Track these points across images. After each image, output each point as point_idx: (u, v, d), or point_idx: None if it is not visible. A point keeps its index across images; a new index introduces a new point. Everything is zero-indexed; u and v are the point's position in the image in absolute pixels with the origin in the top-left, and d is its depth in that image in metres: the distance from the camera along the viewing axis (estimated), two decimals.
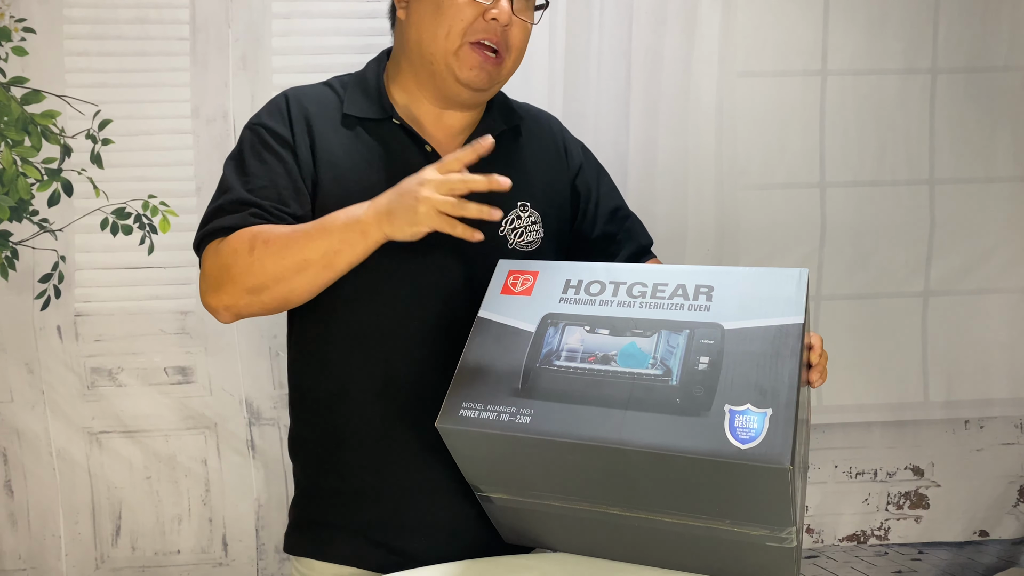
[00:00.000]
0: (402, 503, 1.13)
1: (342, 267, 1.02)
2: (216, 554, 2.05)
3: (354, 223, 0.99)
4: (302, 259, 1.01)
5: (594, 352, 0.94)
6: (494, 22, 1.09)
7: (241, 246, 1.03)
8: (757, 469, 0.81)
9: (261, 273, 1.02)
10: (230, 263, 1.04)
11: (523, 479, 0.97)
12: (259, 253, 1.02)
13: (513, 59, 1.14)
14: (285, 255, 1.01)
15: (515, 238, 1.17)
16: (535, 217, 1.20)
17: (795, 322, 0.90)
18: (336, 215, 1.01)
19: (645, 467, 0.86)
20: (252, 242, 1.02)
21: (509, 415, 0.91)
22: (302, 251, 1.01)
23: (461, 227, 0.95)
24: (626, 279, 1.00)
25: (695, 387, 0.87)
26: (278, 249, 1.01)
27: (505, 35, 1.11)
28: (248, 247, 1.02)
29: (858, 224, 2.15)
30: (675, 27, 2.08)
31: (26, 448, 1.98)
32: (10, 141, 1.92)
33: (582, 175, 1.30)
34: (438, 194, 0.95)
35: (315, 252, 1.00)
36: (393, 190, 0.98)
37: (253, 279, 1.02)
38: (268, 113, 1.15)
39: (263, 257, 1.01)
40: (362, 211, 0.99)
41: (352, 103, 1.16)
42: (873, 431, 2.19)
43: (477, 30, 1.09)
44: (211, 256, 1.07)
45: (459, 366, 0.97)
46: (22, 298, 1.96)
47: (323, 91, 1.18)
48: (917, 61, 2.13)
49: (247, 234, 1.03)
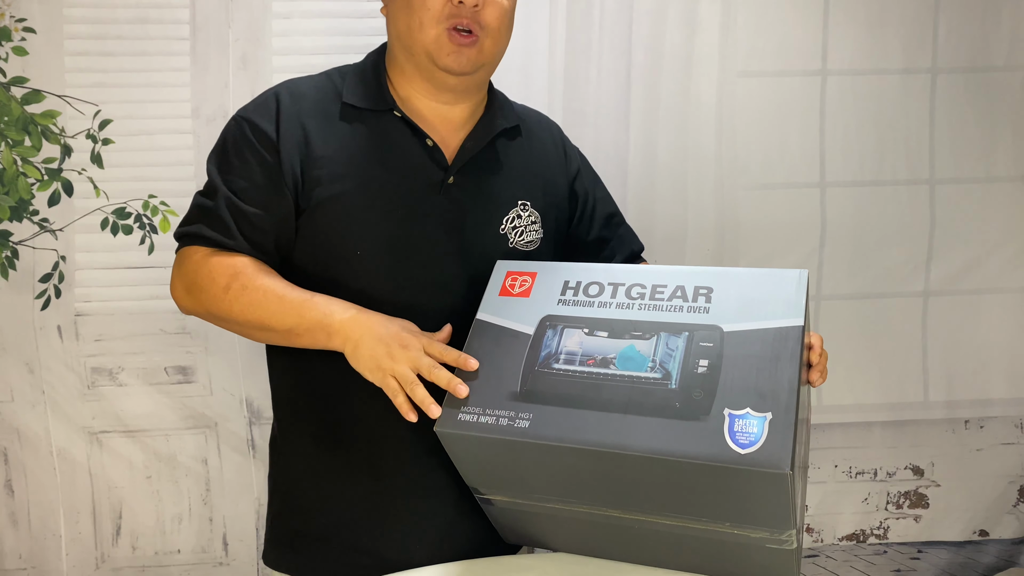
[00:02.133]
0: (398, 506, 1.11)
1: (300, 346, 1.05)
2: (216, 554, 2.05)
3: (326, 325, 1.02)
4: (266, 323, 1.04)
5: (593, 355, 0.93)
6: (461, 5, 1.09)
7: (220, 278, 1.06)
8: (757, 474, 0.81)
9: (227, 312, 1.06)
10: (204, 286, 1.07)
11: (522, 482, 0.96)
12: (233, 295, 1.05)
13: (492, 39, 1.13)
14: (254, 311, 1.04)
15: (515, 237, 1.17)
16: (535, 217, 1.20)
17: (795, 324, 0.90)
18: (318, 303, 1.03)
19: (644, 471, 0.86)
20: (231, 281, 1.05)
21: (508, 419, 0.90)
22: (270, 317, 1.04)
23: (405, 405, 0.97)
24: (624, 280, 0.99)
25: (694, 391, 0.87)
26: (250, 302, 1.04)
27: (476, 16, 1.10)
28: (225, 284, 1.05)
29: (858, 224, 2.14)
30: (675, 26, 2.08)
31: (26, 448, 1.98)
32: (10, 141, 1.92)
33: (580, 178, 1.30)
34: (407, 367, 0.96)
35: (280, 324, 1.04)
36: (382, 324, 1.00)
37: (218, 311, 1.07)
38: (256, 109, 1.13)
39: (234, 300, 1.05)
40: (339, 319, 1.01)
41: (351, 92, 1.15)
42: (873, 431, 2.19)
43: (448, 15, 1.09)
44: (190, 262, 1.09)
45: (457, 369, 0.97)
46: (22, 298, 1.96)
47: (321, 82, 1.17)
48: (917, 61, 2.13)
49: (231, 269, 1.06)
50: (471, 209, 1.14)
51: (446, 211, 1.13)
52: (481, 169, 1.17)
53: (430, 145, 1.14)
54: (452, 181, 1.14)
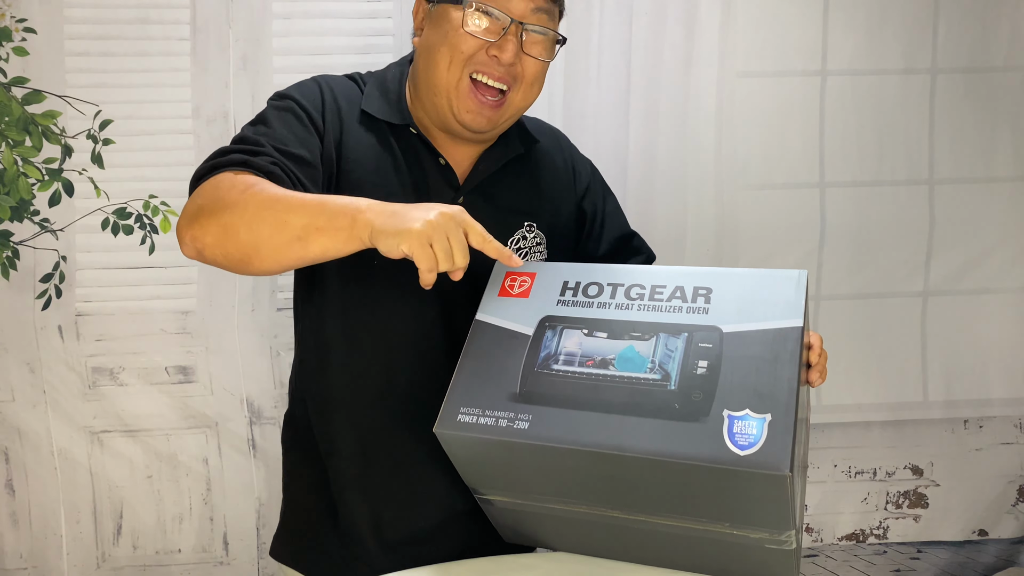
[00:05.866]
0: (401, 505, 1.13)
1: (315, 250, 0.92)
2: (217, 553, 2.06)
3: (351, 208, 0.91)
4: (284, 219, 0.92)
5: (592, 356, 0.94)
6: (496, 59, 1.07)
7: (239, 184, 0.96)
8: (756, 476, 0.81)
9: (242, 212, 0.93)
10: (223, 195, 0.96)
11: (522, 483, 0.97)
12: (252, 193, 0.94)
13: (523, 95, 1.11)
14: (272, 205, 0.93)
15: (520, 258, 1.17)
16: (540, 238, 1.19)
17: (794, 325, 0.90)
18: (342, 196, 0.95)
19: (644, 472, 0.86)
20: (248, 183, 0.96)
21: (507, 421, 0.91)
22: (288, 211, 0.92)
23: (431, 274, 0.88)
24: (624, 281, 1.00)
25: (694, 392, 0.87)
26: (268, 198, 0.93)
27: (512, 71, 1.08)
28: (244, 186, 0.95)
29: (858, 224, 2.15)
30: (675, 27, 2.08)
31: (27, 447, 1.99)
32: (11, 141, 1.92)
33: (589, 196, 1.29)
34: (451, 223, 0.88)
35: (300, 217, 0.91)
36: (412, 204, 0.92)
37: (230, 216, 0.94)
38: (300, 91, 1.11)
39: (253, 196, 0.94)
40: (367, 202, 0.92)
41: (370, 102, 1.14)
42: (872, 431, 2.19)
43: (479, 63, 1.07)
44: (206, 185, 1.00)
45: (457, 370, 0.97)
46: (23, 298, 1.96)
47: (349, 84, 1.16)
48: (917, 61, 2.13)
49: (251, 178, 0.97)
50: None
51: None
52: (490, 190, 1.17)
53: (443, 164, 1.14)
54: (462, 201, 1.14)
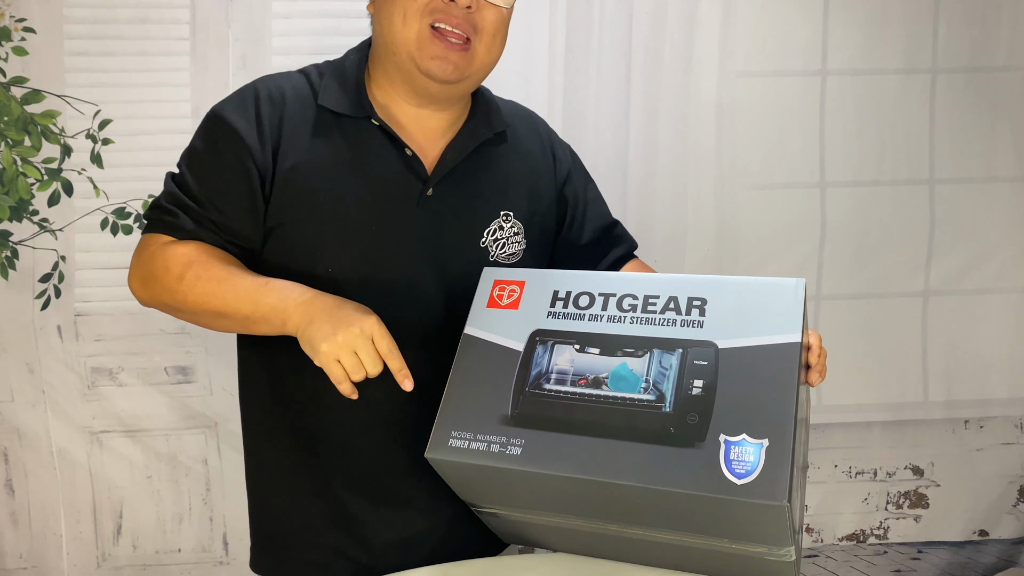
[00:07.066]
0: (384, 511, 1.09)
1: (257, 333, 1.01)
2: (217, 553, 2.05)
3: (280, 310, 0.96)
4: (222, 311, 0.99)
5: (584, 374, 0.91)
6: (452, 3, 1.02)
7: (174, 267, 1.01)
8: (754, 506, 0.79)
9: (182, 301, 1.01)
10: (159, 276, 1.03)
11: (518, 500, 0.95)
12: (187, 283, 1.00)
13: (486, 46, 1.05)
14: (209, 299, 1.00)
15: (496, 249, 1.12)
16: (518, 228, 1.14)
17: (792, 341, 0.87)
18: (274, 288, 0.98)
19: (640, 499, 0.85)
20: (185, 270, 1.01)
21: (499, 446, 0.88)
22: (225, 304, 0.99)
23: (348, 385, 0.93)
24: (616, 290, 0.96)
25: (689, 414, 0.85)
26: (205, 291, 1.00)
27: (470, 19, 1.03)
28: (179, 274, 1.01)
29: (858, 224, 2.14)
30: (675, 26, 2.08)
31: (27, 448, 1.98)
32: (10, 141, 1.92)
33: (570, 182, 1.24)
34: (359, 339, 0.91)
35: (236, 312, 0.99)
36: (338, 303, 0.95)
37: (172, 301, 1.03)
38: (234, 107, 1.08)
39: (189, 289, 1.00)
40: (295, 302, 0.96)
41: (327, 95, 1.08)
42: (873, 431, 2.19)
43: (436, 9, 1.02)
44: (147, 252, 1.05)
45: (447, 389, 0.94)
46: (22, 298, 1.96)
47: (298, 82, 1.11)
48: (917, 61, 2.12)
49: (185, 258, 1.02)
50: (450, 222, 1.09)
51: (423, 225, 1.07)
52: (462, 179, 1.11)
53: (409, 155, 1.07)
54: (431, 193, 1.08)
